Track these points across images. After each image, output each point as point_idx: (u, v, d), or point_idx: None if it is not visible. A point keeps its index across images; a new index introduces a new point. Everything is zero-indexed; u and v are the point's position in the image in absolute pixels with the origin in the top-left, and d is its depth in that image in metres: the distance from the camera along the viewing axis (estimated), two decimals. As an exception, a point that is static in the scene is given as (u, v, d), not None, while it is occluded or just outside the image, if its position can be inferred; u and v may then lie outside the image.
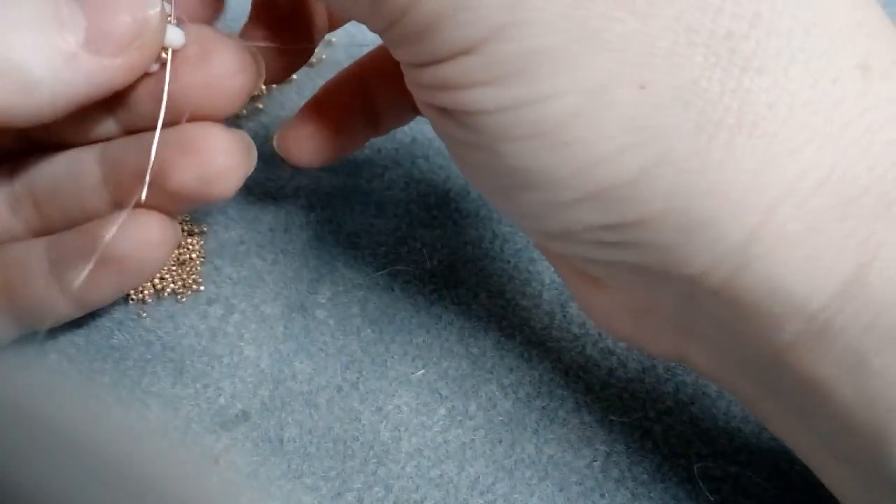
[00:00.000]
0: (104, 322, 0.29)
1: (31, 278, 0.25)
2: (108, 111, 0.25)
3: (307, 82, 0.36)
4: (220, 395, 0.28)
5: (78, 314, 0.27)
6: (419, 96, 0.22)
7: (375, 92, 0.28)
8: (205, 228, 0.31)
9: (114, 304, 0.30)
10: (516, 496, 0.26)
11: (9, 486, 0.12)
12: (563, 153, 0.20)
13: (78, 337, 0.29)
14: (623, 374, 0.28)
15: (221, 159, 0.24)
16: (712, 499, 0.26)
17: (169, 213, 0.25)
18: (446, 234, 0.31)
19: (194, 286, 0.30)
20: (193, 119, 0.24)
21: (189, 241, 0.31)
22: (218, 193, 0.24)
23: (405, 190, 0.33)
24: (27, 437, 0.13)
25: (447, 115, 0.21)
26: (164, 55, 0.23)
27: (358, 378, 0.28)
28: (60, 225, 0.26)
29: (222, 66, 0.24)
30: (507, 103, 0.20)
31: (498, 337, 0.29)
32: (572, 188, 0.20)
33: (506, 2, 0.19)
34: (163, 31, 0.23)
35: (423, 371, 0.29)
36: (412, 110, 0.28)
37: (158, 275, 0.30)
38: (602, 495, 0.26)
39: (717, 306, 0.21)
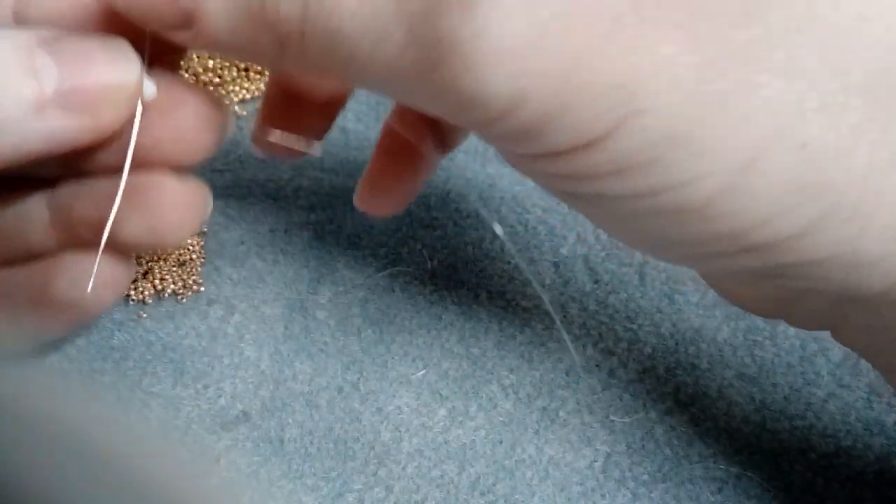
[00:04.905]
0: (104, 322, 0.29)
1: None
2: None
3: (307, 83, 0.36)
4: (221, 395, 0.28)
5: (28, 346, 0.26)
6: (531, 177, 0.21)
7: (431, 127, 0.26)
8: (205, 229, 0.31)
9: (114, 304, 0.30)
10: (517, 497, 0.26)
11: (9, 486, 0.12)
12: (714, 224, 0.18)
13: (78, 337, 0.29)
14: (624, 374, 0.28)
15: (172, 213, 0.23)
16: (713, 499, 0.26)
17: (120, 254, 0.24)
18: (447, 235, 0.31)
19: (194, 287, 0.30)
20: (154, 165, 0.23)
21: (189, 241, 0.31)
22: (169, 244, 0.24)
23: (406, 190, 0.33)
24: (27, 437, 0.13)
25: (571, 196, 0.20)
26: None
27: (358, 379, 0.28)
28: (4, 260, 0.25)
29: (192, 118, 0.22)
30: (641, 191, 0.18)
31: (498, 337, 0.29)
32: (727, 246, 0.19)
33: (619, 95, 0.17)
34: (139, 95, 0.21)
35: (423, 371, 0.28)
36: None
37: (159, 275, 0.30)
38: (603, 496, 0.26)
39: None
